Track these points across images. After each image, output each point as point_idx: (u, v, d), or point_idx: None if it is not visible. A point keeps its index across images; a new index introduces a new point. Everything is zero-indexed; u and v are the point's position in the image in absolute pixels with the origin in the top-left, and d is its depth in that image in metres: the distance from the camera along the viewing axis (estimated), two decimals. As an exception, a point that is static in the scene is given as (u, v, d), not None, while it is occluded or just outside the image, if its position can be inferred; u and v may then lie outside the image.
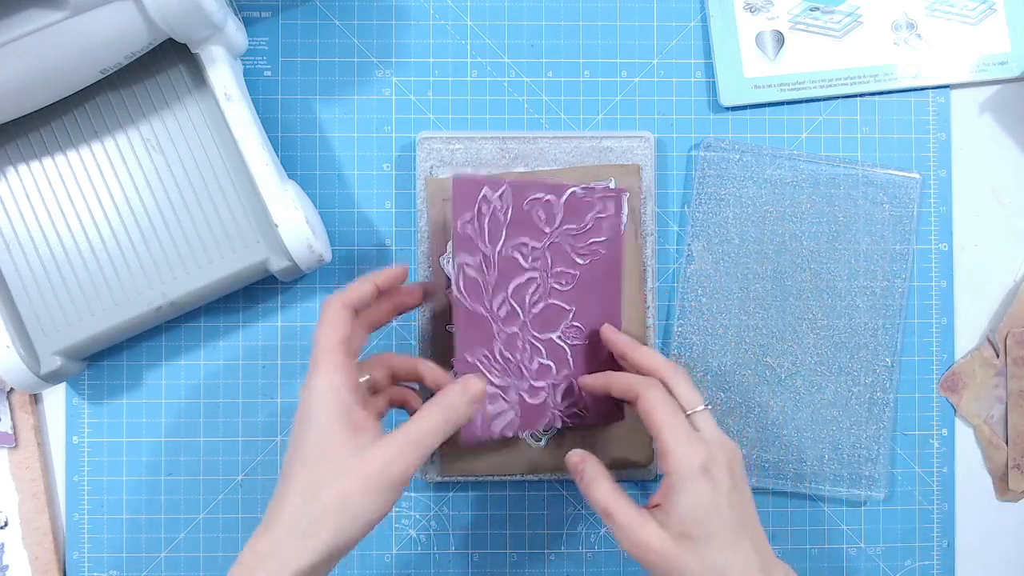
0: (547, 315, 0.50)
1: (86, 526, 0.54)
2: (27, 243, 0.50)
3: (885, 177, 0.55)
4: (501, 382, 0.49)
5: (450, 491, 0.55)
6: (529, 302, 0.49)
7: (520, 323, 0.49)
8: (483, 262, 0.48)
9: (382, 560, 0.55)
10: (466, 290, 0.47)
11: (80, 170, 0.50)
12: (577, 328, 0.51)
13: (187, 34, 0.46)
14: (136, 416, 0.54)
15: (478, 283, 0.48)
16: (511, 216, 0.48)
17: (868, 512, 0.56)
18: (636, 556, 0.41)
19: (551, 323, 0.50)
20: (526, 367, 0.50)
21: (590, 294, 0.51)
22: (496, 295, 0.48)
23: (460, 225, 0.47)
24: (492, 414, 0.49)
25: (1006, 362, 0.56)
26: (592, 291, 0.51)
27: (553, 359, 0.50)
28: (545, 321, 0.50)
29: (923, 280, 0.56)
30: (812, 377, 0.55)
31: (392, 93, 0.55)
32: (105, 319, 0.50)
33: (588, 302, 0.51)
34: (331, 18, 0.55)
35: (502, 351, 0.49)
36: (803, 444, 0.55)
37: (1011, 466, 0.56)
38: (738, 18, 0.56)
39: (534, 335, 0.50)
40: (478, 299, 0.48)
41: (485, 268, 0.48)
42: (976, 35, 0.56)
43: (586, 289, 0.51)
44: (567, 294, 0.50)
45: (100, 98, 0.50)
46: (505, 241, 0.48)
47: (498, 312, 0.48)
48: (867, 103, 0.56)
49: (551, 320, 0.50)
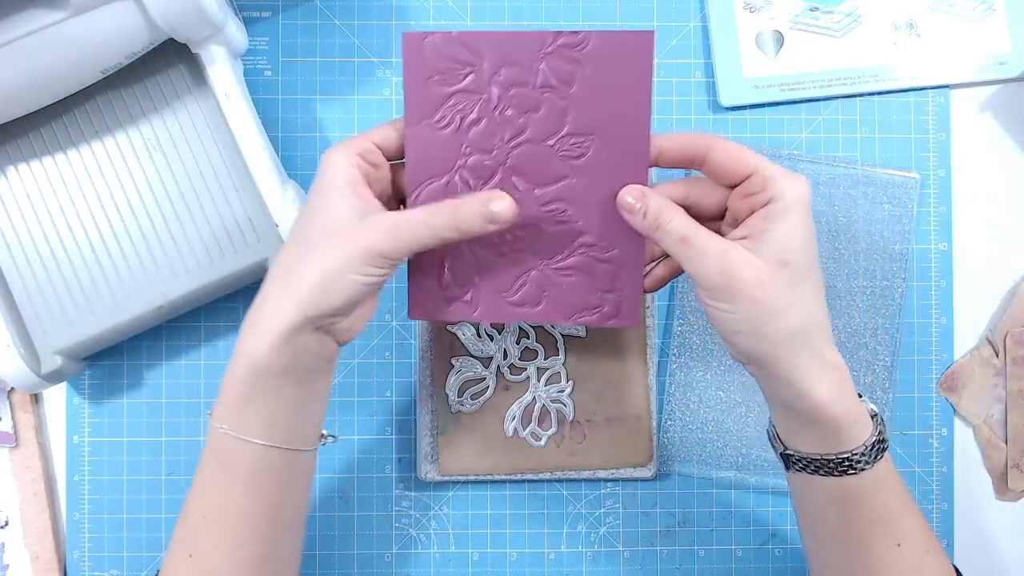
0: (538, 123, 0.42)
1: (86, 526, 0.54)
2: (27, 243, 0.50)
3: (884, 177, 0.55)
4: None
5: (450, 491, 0.55)
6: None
7: (497, 139, 0.42)
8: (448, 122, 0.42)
9: (382, 560, 0.55)
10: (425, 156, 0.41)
11: (80, 170, 0.50)
12: (578, 140, 0.42)
13: (187, 34, 0.46)
14: (136, 416, 0.54)
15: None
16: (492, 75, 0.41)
17: (868, 512, 0.56)
18: (720, 286, 0.38)
19: (542, 130, 0.42)
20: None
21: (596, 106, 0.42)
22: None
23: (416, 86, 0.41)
24: (448, 280, 0.44)
25: (1005, 362, 0.56)
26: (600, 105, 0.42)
27: (541, 178, 0.42)
28: (535, 132, 0.42)
29: (923, 280, 0.56)
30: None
31: (392, 93, 0.55)
32: (105, 319, 0.50)
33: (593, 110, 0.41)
34: (331, 18, 0.55)
35: (466, 178, 0.42)
36: (803, 444, 0.55)
37: (1011, 466, 0.56)
38: (738, 18, 0.56)
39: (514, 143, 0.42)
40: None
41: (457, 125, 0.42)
42: (976, 35, 0.56)
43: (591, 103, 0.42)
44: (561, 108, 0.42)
45: (100, 98, 0.50)
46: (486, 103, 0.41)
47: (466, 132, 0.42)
48: (867, 103, 0.56)
49: (542, 127, 0.42)
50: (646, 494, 0.55)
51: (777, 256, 0.38)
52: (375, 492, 0.55)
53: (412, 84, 0.41)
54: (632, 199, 0.41)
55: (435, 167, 0.42)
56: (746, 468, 0.55)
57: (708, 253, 0.38)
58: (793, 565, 0.56)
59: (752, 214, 0.40)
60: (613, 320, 0.44)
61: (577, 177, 0.42)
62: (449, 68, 0.41)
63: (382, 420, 0.55)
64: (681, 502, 0.55)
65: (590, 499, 0.55)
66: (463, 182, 0.42)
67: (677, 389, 0.55)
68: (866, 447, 0.40)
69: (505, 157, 0.42)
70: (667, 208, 0.40)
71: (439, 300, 0.44)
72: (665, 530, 0.55)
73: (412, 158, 0.42)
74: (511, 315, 0.44)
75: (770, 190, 0.39)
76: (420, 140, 0.42)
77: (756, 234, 0.39)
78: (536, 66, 0.41)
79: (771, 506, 0.56)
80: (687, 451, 0.55)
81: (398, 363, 0.55)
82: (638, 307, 0.44)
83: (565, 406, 0.53)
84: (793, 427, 0.41)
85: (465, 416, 0.53)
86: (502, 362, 0.53)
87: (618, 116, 0.41)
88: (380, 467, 0.55)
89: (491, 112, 0.42)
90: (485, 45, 0.41)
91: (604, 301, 0.44)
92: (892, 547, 0.41)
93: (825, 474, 0.40)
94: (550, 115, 0.41)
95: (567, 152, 0.42)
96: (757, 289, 0.38)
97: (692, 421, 0.55)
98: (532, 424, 0.53)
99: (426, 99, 0.41)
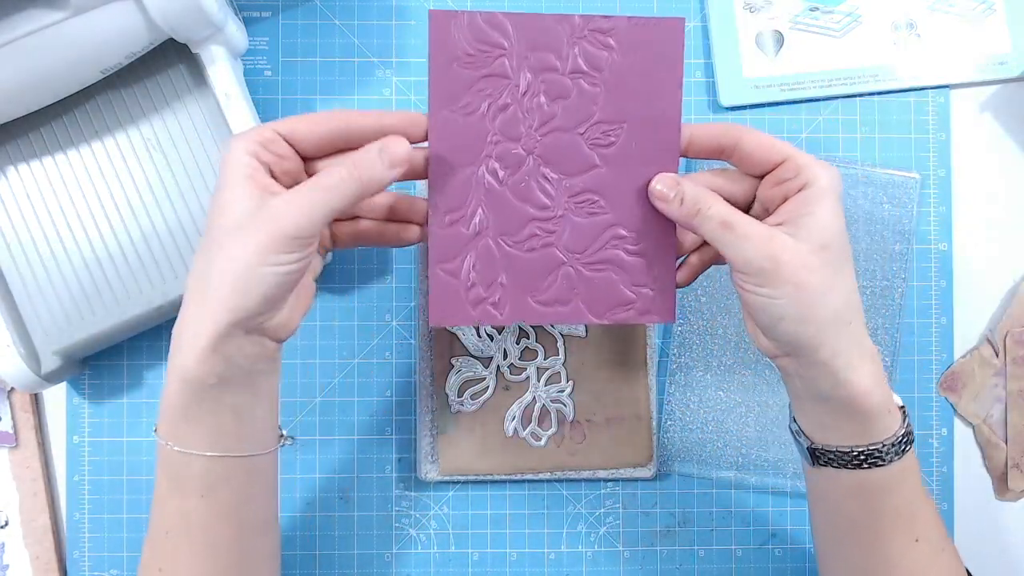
0: (568, 110, 0.41)
1: (86, 526, 0.54)
2: (27, 243, 0.50)
3: (885, 177, 0.55)
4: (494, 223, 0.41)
5: (450, 491, 0.55)
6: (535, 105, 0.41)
7: (524, 127, 0.40)
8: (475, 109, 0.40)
9: (382, 560, 0.55)
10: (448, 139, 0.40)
11: (80, 170, 0.50)
12: (609, 128, 0.41)
13: (187, 34, 0.46)
14: (136, 416, 0.54)
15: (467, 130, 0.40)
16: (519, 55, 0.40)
17: (868, 512, 0.56)
18: (765, 270, 0.38)
19: (572, 117, 0.41)
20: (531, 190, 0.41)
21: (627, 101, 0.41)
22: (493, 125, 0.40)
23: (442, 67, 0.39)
24: (470, 278, 0.42)
25: (1005, 362, 0.56)
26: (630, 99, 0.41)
27: (570, 170, 0.41)
28: (564, 119, 0.41)
29: (923, 280, 0.56)
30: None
31: (392, 93, 0.55)
32: (105, 319, 0.50)
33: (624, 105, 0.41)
34: (331, 18, 0.55)
35: (494, 167, 0.41)
36: (803, 444, 0.55)
37: (1011, 466, 0.56)
38: (738, 18, 0.56)
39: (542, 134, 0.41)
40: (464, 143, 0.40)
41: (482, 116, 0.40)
42: (976, 35, 0.56)
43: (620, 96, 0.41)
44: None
45: (100, 98, 0.50)
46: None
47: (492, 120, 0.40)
48: (867, 103, 0.56)
49: (572, 114, 0.41)
50: (646, 494, 0.55)
51: (817, 240, 0.38)
52: (375, 492, 0.55)
53: (438, 67, 0.39)
54: (665, 187, 0.40)
55: (461, 156, 0.40)
56: (746, 468, 0.55)
57: (752, 237, 0.38)
58: (793, 565, 0.56)
59: (785, 201, 0.39)
60: (647, 316, 0.43)
61: (607, 167, 0.41)
62: (478, 50, 0.39)
63: (382, 420, 0.55)
64: (681, 502, 0.55)
65: (590, 499, 0.55)
66: (491, 173, 0.41)
67: (677, 389, 0.55)
68: (896, 438, 0.39)
69: (534, 145, 0.41)
70: (706, 194, 0.39)
71: (462, 304, 0.42)
72: (665, 530, 0.55)
73: (436, 146, 0.40)
74: (540, 316, 0.42)
75: (804, 176, 0.39)
76: (444, 126, 0.40)
77: (793, 220, 0.39)
78: (567, 51, 0.40)
79: (771, 506, 0.56)
80: (687, 451, 0.55)
81: (398, 363, 0.55)
82: (672, 301, 0.43)
83: (565, 406, 0.53)
84: (826, 420, 0.40)
85: (465, 416, 0.53)
86: (502, 362, 0.53)
87: (648, 104, 0.40)
88: (380, 467, 0.55)
89: (520, 98, 0.40)
90: (515, 27, 0.39)
91: (637, 296, 0.43)
92: (910, 542, 0.41)
93: (853, 467, 0.40)
94: (580, 102, 0.40)
95: (597, 140, 0.41)
96: (804, 272, 0.37)
97: (692, 421, 0.55)
98: (532, 424, 0.53)
99: (452, 83, 0.40)
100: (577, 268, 0.42)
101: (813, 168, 0.39)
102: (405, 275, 0.55)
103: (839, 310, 0.38)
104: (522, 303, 0.42)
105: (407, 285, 0.55)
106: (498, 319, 0.42)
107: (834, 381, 0.39)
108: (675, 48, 0.40)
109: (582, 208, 0.42)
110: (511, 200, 0.41)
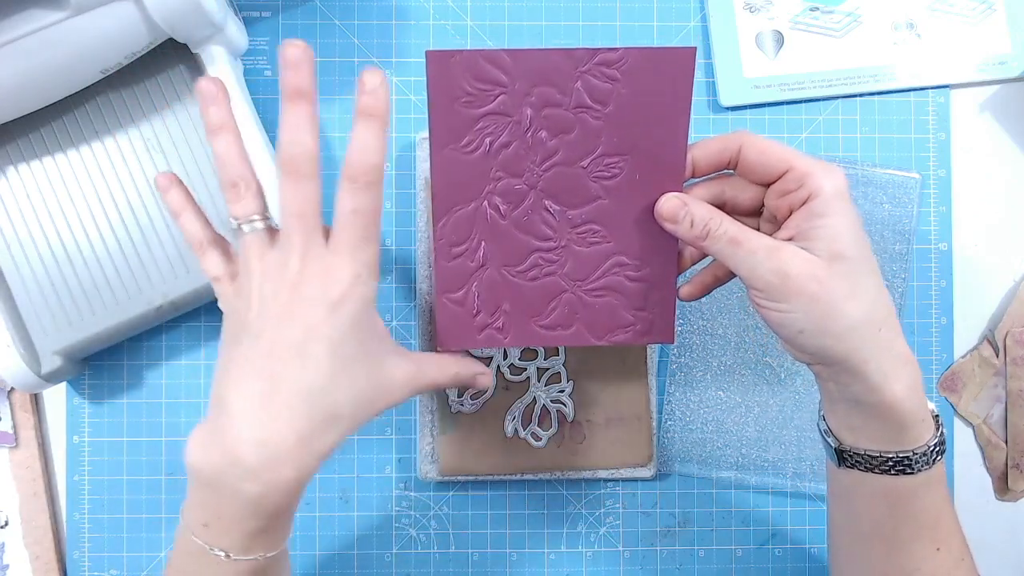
0: (570, 144, 0.41)
1: (86, 526, 0.54)
2: (27, 243, 0.50)
3: (885, 177, 0.55)
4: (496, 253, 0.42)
5: (450, 491, 0.55)
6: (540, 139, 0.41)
7: (528, 162, 0.41)
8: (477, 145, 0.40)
9: (382, 560, 0.55)
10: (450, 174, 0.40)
11: (80, 170, 0.50)
12: (612, 161, 0.41)
13: (187, 34, 0.46)
14: (136, 416, 0.54)
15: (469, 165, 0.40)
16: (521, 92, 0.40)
17: (868, 512, 0.56)
18: (774, 285, 0.38)
19: (574, 151, 0.41)
20: (533, 222, 0.41)
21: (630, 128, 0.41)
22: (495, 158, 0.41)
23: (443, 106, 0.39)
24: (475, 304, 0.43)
25: (1005, 362, 0.56)
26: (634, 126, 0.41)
27: (573, 201, 0.41)
28: (566, 153, 0.41)
29: (923, 280, 0.56)
30: (812, 377, 0.55)
31: (392, 93, 0.55)
32: (105, 319, 0.50)
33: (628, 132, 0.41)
34: (331, 18, 0.55)
35: (496, 203, 0.41)
36: (803, 444, 0.55)
37: (1011, 466, 0.56)
38: (738, 18, 0.56)
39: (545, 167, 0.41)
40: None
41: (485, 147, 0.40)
42: (976, 35, 0.56)
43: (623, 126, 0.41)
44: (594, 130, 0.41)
45: (100, 98, 0.50)
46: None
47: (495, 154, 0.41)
48: (867, 103, 0.56)
49: (574, 149, 0.41)
50: (646, 494, 0.55)
51: (829, 251, 0.37)
52: (375, 492, 0.55)
53: (439, 107, 0.39)
54: (674, 209, 0.40)
55: (463, 193, 0.41)
56: (746, 468, 0.55)
57: (759, 251, 0.38)
58: (793, 565, 0.56)
59: (792, 214, 0.39)
60: (647, 337, 0.44)
61: (610, 198, 0.41)
62: (479, 89, 0.39)
63: (382, 420, 0.55)
64: (681, 502, 0.55)
65: (590, 499, 0.55)
66: (493, 208, 0.41)
67: (677, 389, 0.55)
68: (927, 447, 0.39)
69: (536, 180, 0.41)
70: (714, 213, 0.39)
71: (469, 329, 0.43)
72: (665, 530, 0.55)
73: (438, 185, 0.41)
74: (543, 339, 0.43)
75: (807, 186, 0.38)
76: (447, 165, 0.40)
77: (802, 233, 0.38)
78: (571, 85, 0.39)
79: (771, 506, 0.56)
80: (687, 451, 0.55)
81: (398, 363, 0.55)
82: (672, 322, 0.44)
83: (565, 406, 0.53)
84: (857, 423, 0.40)
85: (465, 416, 0.53)
86: (502, 362, 0.53)
87: (654, 134, 0.40)
88: (380, 467, 0.55)
89: (523, 134, 0.40)
90: (517, 64, 0.39)
91: (637, 319, 0.43)
92: (932, 550, 0.41)
93: (881, 472, 0.39)
94: (583, 136, 0.40)
95: (600, 173, 0.41)
96: (814, 284, 0.37)
97: (692, 421, 0.55)
98: (532, 424, 0.53)
99: (453, 122, 0.40)
100: (579, 295, 0.43)
101: (816, 177, 0.38)
102: (405, 275, 0.55)
103: (861, 318, 0.37)
104: (526, 327, 0.43)
105: (407, 285, 0.55)
106: (503, 343, 0.43)
107: (866, 387, 0.38)
108: (685, 77, 0.39)
109: (584, 238, 0.42)
110: (514, 233, 0.42)
